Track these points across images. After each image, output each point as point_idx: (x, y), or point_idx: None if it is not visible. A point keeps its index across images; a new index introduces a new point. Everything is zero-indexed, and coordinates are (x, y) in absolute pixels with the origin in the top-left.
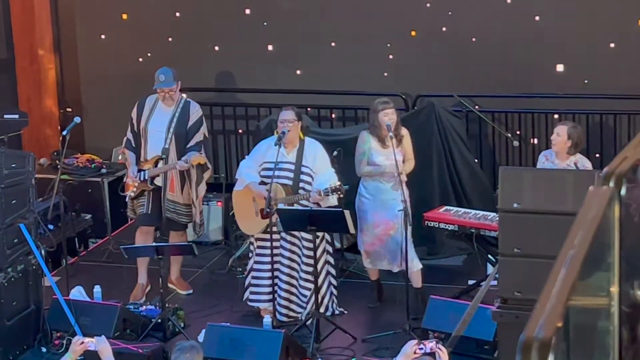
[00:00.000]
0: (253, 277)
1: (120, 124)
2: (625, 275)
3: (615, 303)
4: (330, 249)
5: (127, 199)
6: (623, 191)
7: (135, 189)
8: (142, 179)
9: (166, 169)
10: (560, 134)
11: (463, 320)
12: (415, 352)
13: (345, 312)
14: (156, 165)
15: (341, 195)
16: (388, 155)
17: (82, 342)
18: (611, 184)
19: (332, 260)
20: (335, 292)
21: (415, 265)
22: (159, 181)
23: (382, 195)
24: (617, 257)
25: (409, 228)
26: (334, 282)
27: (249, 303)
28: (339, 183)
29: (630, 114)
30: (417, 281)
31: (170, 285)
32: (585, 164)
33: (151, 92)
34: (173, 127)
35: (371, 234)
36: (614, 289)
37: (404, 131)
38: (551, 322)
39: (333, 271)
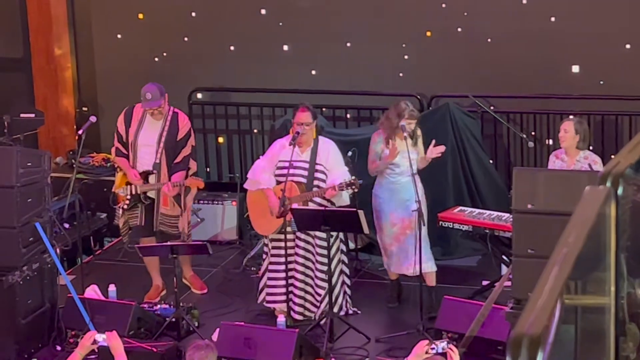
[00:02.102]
0: (269, 278)
1: None
2: (634, 274)
3: (612, 302)
4: (344, 249)
5: (119, 210)
6: (620, 191)
7: (128, 202)
8: (133, 192)
9: (158, 187)
10: (568, 129)
11: (476, 321)
12: (426, 352)
13: (359, 312)
14: (146, 179)
15: (356, 190)
16: (403, 154)
17: (93, 340)
18: (608, 183)
19: (346, 259)
20: (349, 291)
21: (430, 267)
22: (152, 194)
23: (397, 195)
24: (614, 257)
25: (424, 229)
26: (347, 281)
27: (266, 304)
28: (353, 177)
29: None
30: (430, 281)
31: (184, 281)
32: (595, 159)
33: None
34: (163, 142)
35: (389, 233)
36: (612, 288)
37: (419, 131)
38: (541, 319)
39: (347, 270)
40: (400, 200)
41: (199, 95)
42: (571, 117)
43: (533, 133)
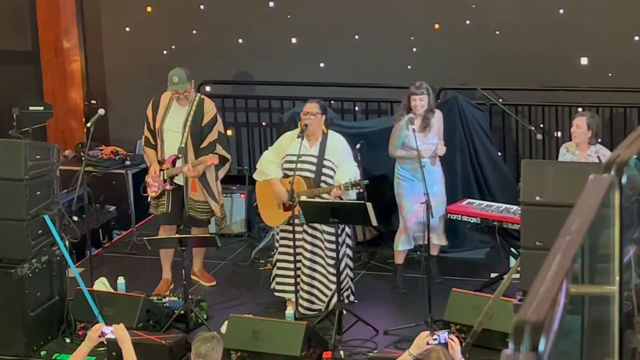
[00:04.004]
0: (279, 268)
1: (144, 117)
2: None
3: (616, 291)
4: (349, 241)
5: (149, 199)
6: (624, 179)
7: (157, 189)
8: (162, 178)
9: (181, 170)
10: (580, 125)
11: (485, 313)
12: (427, 343)
13: (356, 300)
14: (174, 165)
15: (361, 190)
16: (424, 140)
17: (100, 332)
18: (612, 172)
19: (350, 252)
20: (351, 283)
21: (438, 240)
22: (179, 180)
23: (419, 175)
24: (618, 245)
25: (431, 219)
26: (351, 274)
27: (276, 293)
28: (358, 178)
29: None
30: (434, 250)
31: (192, 277)
32: (606, 153)
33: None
34: (189, 126)
35: (410, 209)
36: (616, 278)
37: (438, 113)
38: (544, 305)
39: (351, 263)
40: (420, 180)
41: (207, 88)
42: (581, 110)
43: (542, 125)
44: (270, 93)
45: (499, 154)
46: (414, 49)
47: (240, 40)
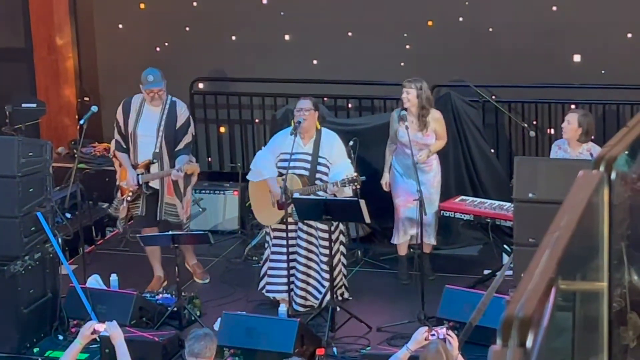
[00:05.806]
0: (270, 268)
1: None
2: (634, 262)
3: (605, 288)
4: (342, 238)
5: (123, 202)
6: (613, 176)
7: (131, 194)
8: (138, 183)
9: (161, 176)
10: (571, 121)
11: (478, 310)
12: (426, 339)
13: (351, 297)
14: (148, 168)
15: (358, 187)
16: (418, 140)
17: (93, 329)
18: (601, 168)
19: (344, 249)
20: (345, 280)
21: (429, 240)
22: (154, 184)
23: (408, 170)
24: (607, 242)
25: (425, 217)
26: (344, 270)
27: (266, 293)
28: (355, 174)
29: None
30: (427, 248)
31: (187, 266)
32: (598, 151)
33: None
34: (162, 130)
35: (396, 201)
36: (605, 274)
37: (436, 114)
38: (532, 301)
39: (344, 260)
40: (409, 175)
41: (201, 85)
42: (574, 107)
43: (535, 122)
44: (264, 90)
45: (492, 151)
46: (407, 46)
47: (233, 37)
